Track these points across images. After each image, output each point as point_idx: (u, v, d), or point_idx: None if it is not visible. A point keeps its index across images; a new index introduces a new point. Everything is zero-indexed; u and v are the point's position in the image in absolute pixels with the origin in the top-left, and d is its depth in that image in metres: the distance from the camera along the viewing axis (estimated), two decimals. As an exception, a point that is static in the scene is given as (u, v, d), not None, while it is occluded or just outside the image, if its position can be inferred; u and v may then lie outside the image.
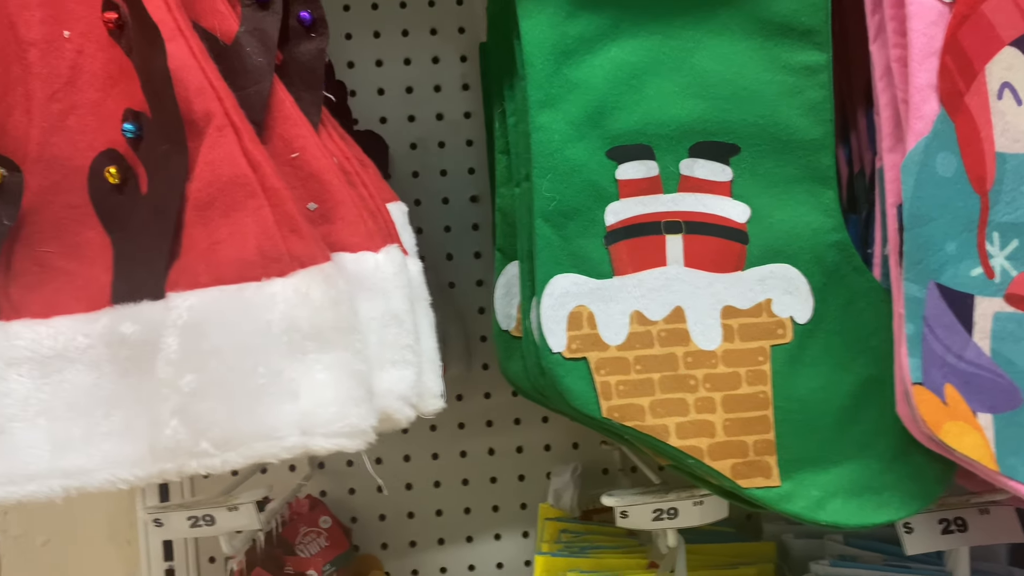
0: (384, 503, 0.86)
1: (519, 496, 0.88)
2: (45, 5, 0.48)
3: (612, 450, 0.86)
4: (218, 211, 0.43)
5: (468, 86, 0.80)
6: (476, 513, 0.87)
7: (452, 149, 0.81)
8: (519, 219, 0.57)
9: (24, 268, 0.46)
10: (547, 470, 0.88)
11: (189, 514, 0.61)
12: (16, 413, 0.45)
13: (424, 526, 0.87)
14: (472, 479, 0.87)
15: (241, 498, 0.61)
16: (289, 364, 0.42)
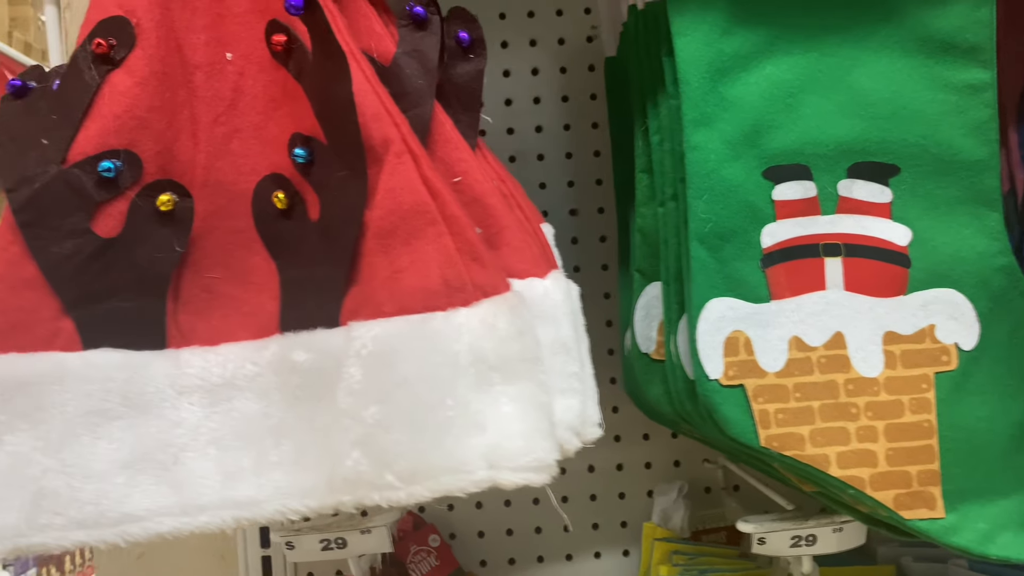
0: (482, 520, 0.85)
1: (620, 514, 0.86)
2: (209, 28, 0.47)
3: (715, 468, 0.85)
4: (399, 239, 0.42)
5: (567, 98, 0.79)
6: (576, 531, 0.86)
7: (551, 162, 0.80)
8: (663, 240, 0.56)
9: (192, 294, 0.46)
10: (648, 488, 0.86)
11: (321, 537, 0.60)
12: (187, 443, 0.44)
13: (523, 543, 0.86)
14: (571, 496, 0.86)
15: (375, 521, 0.61)
16: (476, 396, 0.41)
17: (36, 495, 0.41)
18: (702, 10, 0.52)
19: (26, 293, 0.42)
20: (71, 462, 0.42)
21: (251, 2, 0.48)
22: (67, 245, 0.43)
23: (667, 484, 0.84)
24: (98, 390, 0.43)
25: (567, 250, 0.81)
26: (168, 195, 0.44)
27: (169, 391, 0.44)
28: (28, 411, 0.42)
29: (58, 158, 0.43)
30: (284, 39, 0.45)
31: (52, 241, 0.43)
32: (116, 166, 0.43)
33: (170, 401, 0.44)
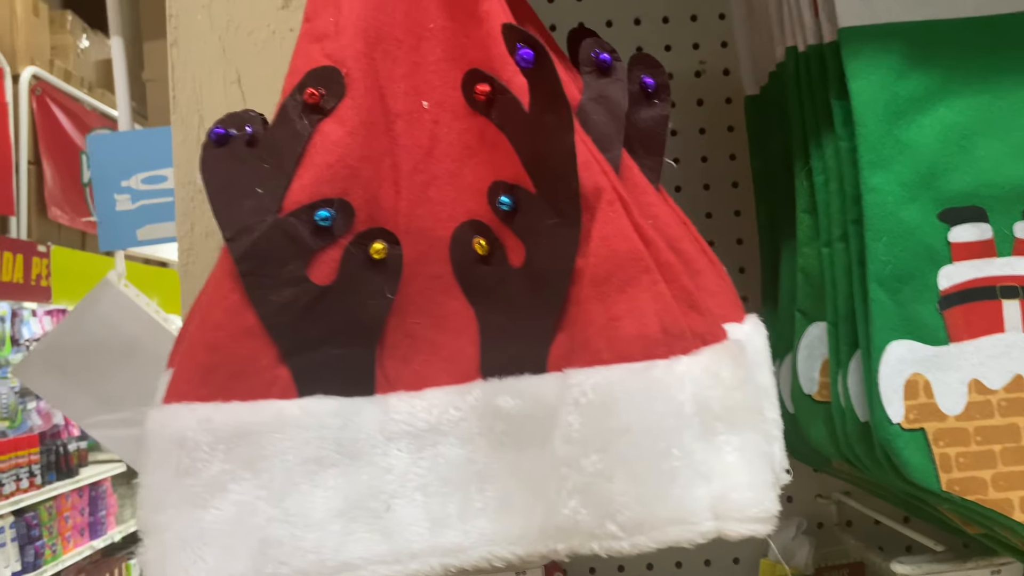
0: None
1: (732, 550, 0.86)
2: (408, 77, 0.48)
3: (828, 504, 0.84)
4: (614, 287, 0.43)
5: (704, 130, 0.79)
6: (688, 567, 0.85)
7: (688, 193, 0.80)
8: (831, 280, 0.56)
9: (396, 340, 0.46)
10: (761, 523, 0.85)
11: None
12: (397, 489, 0.44)
13: None
14: (683, 531, 0.85)
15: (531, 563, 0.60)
16: (701, 445, 0.41)
17: (262, 544, 0.41)
18: (877, 54, 0.52)
19: (247, 341, 0.43)
20: (293, 511, 0.42)
21: (444, 51, 0.48)
22: (285, 293, 0.43)
23: (783, 520, 0.83)
24: (315, 438, 0.43)
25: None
26: (381, 243, 0.44)
27: (379, 437, 0.44)
28: (251, 460, 0.42)
29: (274, 207, 0.44)
30: (488, 89, 0.46)
31: (271, 290, 0.43)
32: (331, 215, 0.44)
33: (380, 447, 0.44)
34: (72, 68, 3.62)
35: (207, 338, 0.42)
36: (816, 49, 0.56)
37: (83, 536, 3.54)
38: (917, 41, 0.53)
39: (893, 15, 0.53)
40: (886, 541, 0.81)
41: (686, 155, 0.79)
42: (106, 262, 3.52)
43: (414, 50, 0.48)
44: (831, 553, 0.81)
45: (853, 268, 0.54)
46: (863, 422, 0.54)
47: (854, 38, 0.53)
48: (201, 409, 0.42)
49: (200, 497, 0.41)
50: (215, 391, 0.42)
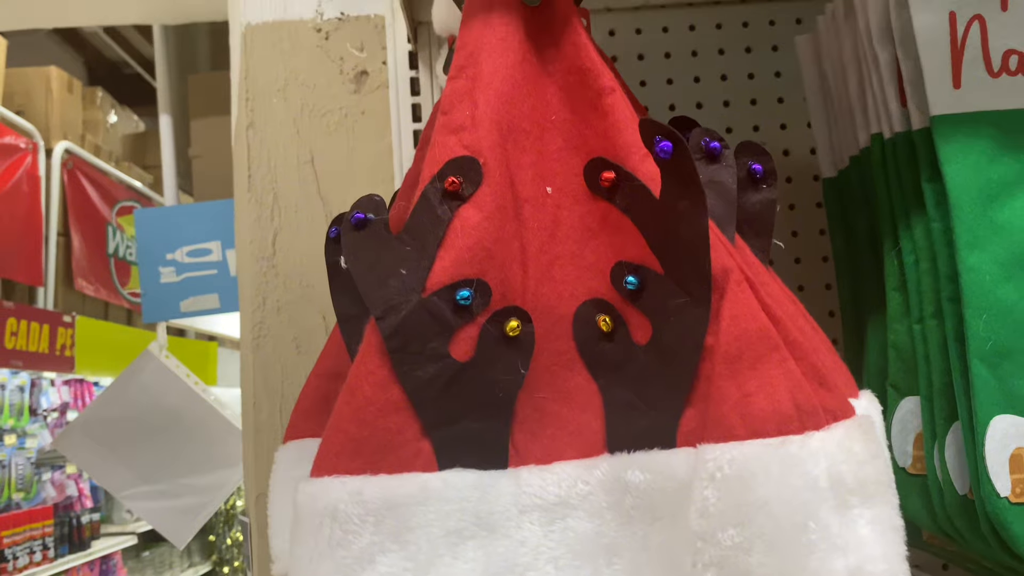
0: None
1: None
2: (534, 165, 0.50)
3: None
4: (746, 364, 0.44)
5: (794, 206, 0.82)
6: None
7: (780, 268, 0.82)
8: (923, 356, 0.58)
9: (525, 414, 0.47)
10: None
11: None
12: (531, 562, 0.45)
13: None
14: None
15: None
16: (836, 519, 0.42)
17: None
18: (969, 140, 0.55)
19: (393, 416, 0.44)
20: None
21: (564, 140, 0.51)
22: (429, 369, 0.45)
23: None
24: (455, 510, 0.44)
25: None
26: (516, 321, 0.46)
27: (513, 510, 0.45)
28: (397, 532, 0.43)
29: (419, 287, 0.46)
30: (613, 176, 0.48)
31: (416, 366, 0.45)
32: (471, 294, 0.46)
33: (514, 520, 0.45)
34: (101, 142, 3.72)
35: (356, 412, 0.44)
36: (904, 136, 0.59)
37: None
38: (1006, 128, 0.56)
39: (983, 104, 0.56)
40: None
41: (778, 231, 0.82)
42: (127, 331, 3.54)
43: (539, 140, 0.51)
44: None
45: (949, 344, 0.56)
46: (962, 495, 0.55)
47: (946, 126, 0.55)
48: (352, 482, 0.43)
49: (351, 569, 0.42)
50: (364, 464, 0.44)
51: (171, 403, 1.69)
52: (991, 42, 0.56)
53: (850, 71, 0.64)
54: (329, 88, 0.98)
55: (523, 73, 0.51)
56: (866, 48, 0.61)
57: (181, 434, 1.70)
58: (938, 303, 0.57)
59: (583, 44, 0.51)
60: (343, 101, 0.98)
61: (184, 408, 1.69)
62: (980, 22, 0.56)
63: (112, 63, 4.82)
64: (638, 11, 0.84)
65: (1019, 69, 0.56)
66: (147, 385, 1.68)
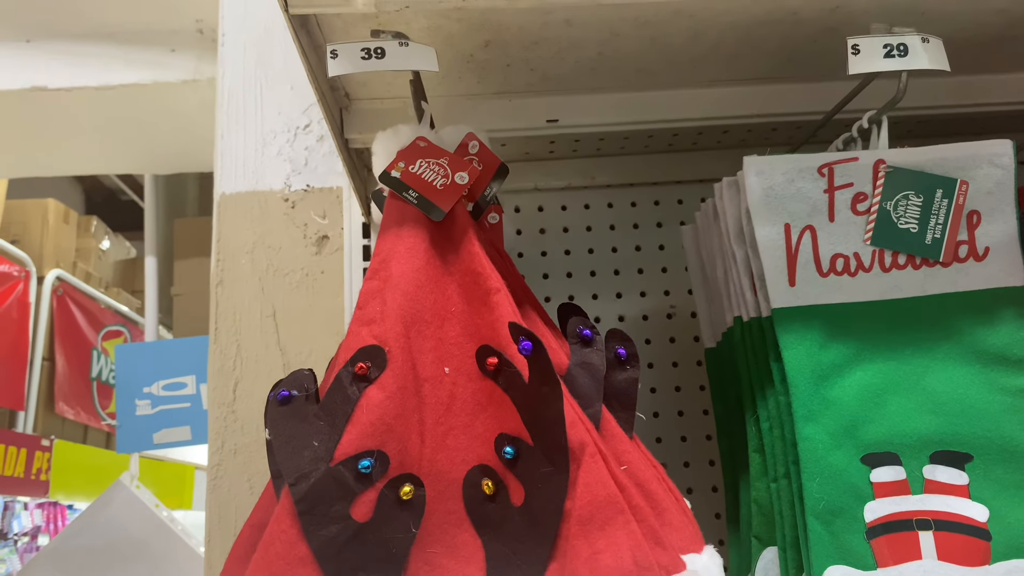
0: None
1: None
2: (434, 349, 0.61)
3: None
4: (596, 525, 0.54)
5: (679, 388, 0.93)
6: None
7: (666, 445, 0.92)
8: (779, 511, 0.67)
9: (417, 567, 0.56)
10: None
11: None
12: None
13: None
14: None
15: None
16: None
17: None
18: (803, 328, 0.66)
19: (299, 569, 0.53)
20: None
21: (462, 329, 0.62)
22: (332, 529, 0.54)
23: None
24: None
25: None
26: (409, 486, 0.56)
27: None
28: None
29: (327, 457, 0.55)
30: (496, 361, 0.59)
31: (321, 526, 0.54)
32: (371, 464, 0.55)
33: None
34: (92, 269, 3.84)
35: (268, 566, 0.53)
36: (756, 321, 0.70)
37: None
38: (835, 319, 0.67)
39: (814, 298, 0.67)
40: None
41: (664, 410, 0.92)
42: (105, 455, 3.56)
43: (439, 328, 0.61)
44: None
45: (795, 502, 0.65)
46: (812, 639, 0.63)
47: (784, 317, 0.67)
48: None
49: None
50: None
51: (139, 534, 1.74)
52: (821, 248, 0.68)
53: (718, 261, 0.76)
54: (293, 250, 1.10)
55: (427, 274, 0.62)
56: (727, 245, 0.73)
57: (147, 563, 1.74)
58: (787, 465, 0.66)
59: (476, 252, 0.63)
60: (305, 262, 1.10)
61: (151, 537, 1.74)
62: (811, 232, 0.68)
63: (109, 190, 5.03)
64: (534, 192, 0.97)
65: (845, 269, 0.68)
66: (116, 515, 1.73)
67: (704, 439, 0.91)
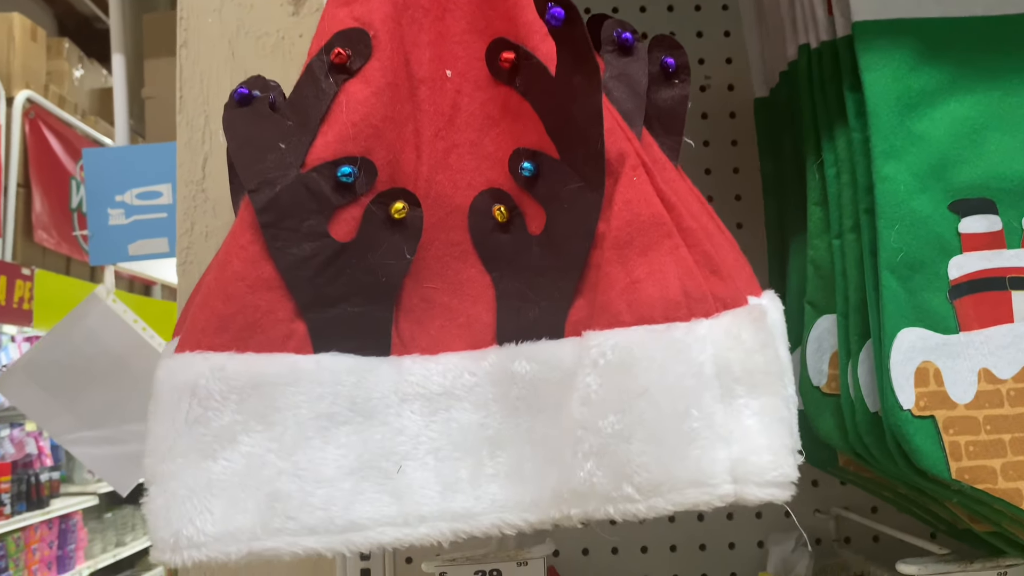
0: (587, 568, 0.83)
1: (730, 565, 0.85)
2: (433, 45, 0.48)
3: (827, 519, 0.84)
4: (636, 250, 0.43)
5: (708, 143, 0.80)
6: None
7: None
8: (840, 271, 0.56)
9: (412, 303, 0.45)
10: (758, 539, 0.85)
11: (476, 568, 0.59)
12: (409, 451, 0.43)
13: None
14: (680, 546, 0.84)
15: (532, 552, 0.59)
16: (721, 408, 0.41)
17: (270, 497, 0.40)
18: (890, 47, 0.54)
19: (264, 293, 0.42)
20: (303, 466, 0.41)
21: (469, 23, 0.49)
22: (305, 247, 0.43)
23: (782, 534, 0.82)
24: (328, 393, 0.42)
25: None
26: (402, 203, 0.44)
27: (393, 398, 0.43)
28: (263, 412, 0.41)
29: (297, 162, 0.44)
30: (513, 56, 0.46)
31: (291, 243, 0.43)
32: (353, 172, 0.44)
33: (394, 408, 0.43)
34: (66, 94, 3.64)
35: (224, 288, 0.42)
36: (829, 45, 0.57)
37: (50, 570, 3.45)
38: (929, 37, 0.54)
39: (906, 11, 0.54)
40: (885, 557, 0.80)
41: (690, 168, 0.80)
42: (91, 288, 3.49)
43: (439, 20, 0.48)
44: (829, 566, 0.80)
45: (865, 258, 0.54)
46: (873, 412, 0.54)
47: (868, 32, 0.54)
48: (215, 358, 0.41)
49: (210, 447, 0.40)
50: (230, 341, 0.42)
51: (117, 349, 1.66)
52: (918, -53, 0.54)
53: (781, -19, 0.62)
54: (267, 8, 0.95)
55: None
56: (796, -44, 0.59)
57: (127, 380, 1.67)
58: (856, 216, 0.55)
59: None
60: (280, 23, 0.95)
61: (130, 355, 1.66)
62: (907, -74, 0.54)
63: (83, 17, 4.72)
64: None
65: (945, -24, 0.54)
66: (92, 330, 1.64)
67: (733, 200, 0.80)
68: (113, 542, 3.85)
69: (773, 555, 0.81)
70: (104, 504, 3.96)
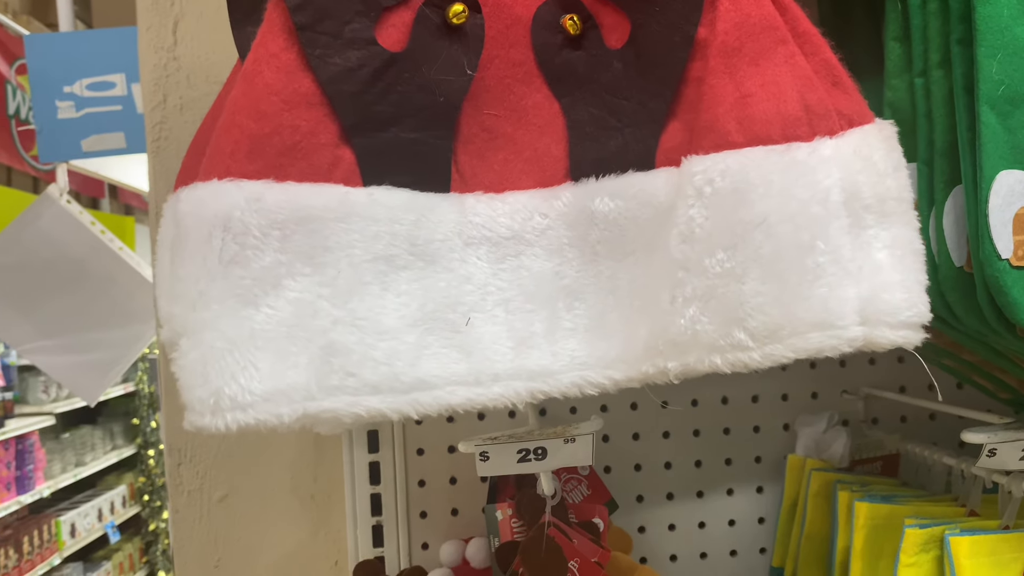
0: (608, 453, 0.80)
1: (754, 448, 0.82)
2: None
3: (855, 400, 0.81)
4: (746, 58, 0.36)
5: None
6: (707, 466, 0.81)
7: None
8: (924, 112, 0.51)
9: (472, 132, 0.39)
10: (784, 421, 0.81)
11: (520, 446, 0.54)
12: (477, 302, 0.37)
13: (653, 479, 0.80)
14: (703, 429, 0.81)
15: (581, 428, 0.54)
16: (848, 239, 0.35)
17: (326, 351, 0.34)
18: None
19: (303, 111, 0.35)
20: (362, 315, 0.35)
21: None
22: (350, 56, 0.35)
23: (811, 415, 0.79)
24: (386, 232, 0.35)
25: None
26: (461, 6, 0.37)
27: (456, 241, 0.37)
28: (310, 252, 0.34)
29: (336, -50, 0.36)
30: None
31: (332, 50, 0.35)
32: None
33: (458, 252, 0.37)
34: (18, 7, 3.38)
35: (256, 103, 0.35)
36: None
37: (10, 491, 3.37)
38: None
39: None
40: (917, 437, 0.78)
41: None
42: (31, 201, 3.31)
43: None
44: (863, 445, 0.77)
45: (956, 94, 0.49)
46: (959, 267, 0.49)
47: None
48: (249, 186, 0.34)
49: (250, 292, 0.33)
50: (266, 167, 0.34)
51: (74, 252, 1.55)
52: None
53: None
54: None
55: None
56: None
57: (87, 286, 1.57)
58: (946, 48, 0.49)
59: None
60: None
61: (90, 258, 1.55)
62: None
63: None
64: None
65: None
66: (46, 232, 1.53)
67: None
68: (73, 462, 3.77)
69: (803, 436, 0.78)
70: (61, 424, 3.86)
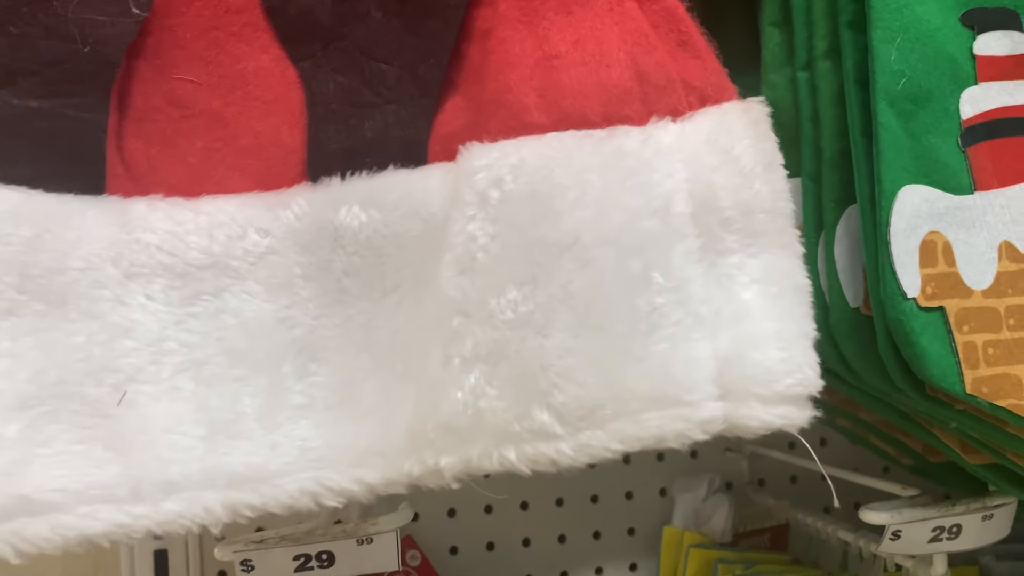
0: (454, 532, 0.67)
1: (626, 519, 0.70)
2: None
3: (739, 458, 0.70)
4: (553, 3, 0.24)
5: None
6: (572, 541, 0.69)
7: None
8: (809, 114, 0.41)
9: (152, 106, 0.26)
10: (660, 486, 0.70)
11: (298, 551, 0.40)
12: (141, 367, 0.24)
13: (508, 559, 0.68)
14: (567, 498, 0.69)
15: (380, 524, 0.41)
16: (701, 271, 0.24)
17: None
18: None
19: None
20: None
21: None
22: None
23: (690, 478, 0.68)
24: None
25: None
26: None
27: (110, 270, 0.24)
28: None
29: None
30: None
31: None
32: None
33: (111, 289, 0.24)
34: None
35: None
36: None
37: None
38: None
39: None
40: (808, 502, 0.68)
41: None
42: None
43: None
44: (749, 515, 0.67)
45: (849, 91, 0.39)
46: (854, 308, 0.39)
47: None
48: None
49: None
50: None
51: None
52: None
53: None
54: None
55: None
56: None
57: None
58: (835, 34, 0.40)
59: None
60: None
61: None
62: None
63: None
64: None
65: None
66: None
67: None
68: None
69: (681, 504, 0.67)
70: None
